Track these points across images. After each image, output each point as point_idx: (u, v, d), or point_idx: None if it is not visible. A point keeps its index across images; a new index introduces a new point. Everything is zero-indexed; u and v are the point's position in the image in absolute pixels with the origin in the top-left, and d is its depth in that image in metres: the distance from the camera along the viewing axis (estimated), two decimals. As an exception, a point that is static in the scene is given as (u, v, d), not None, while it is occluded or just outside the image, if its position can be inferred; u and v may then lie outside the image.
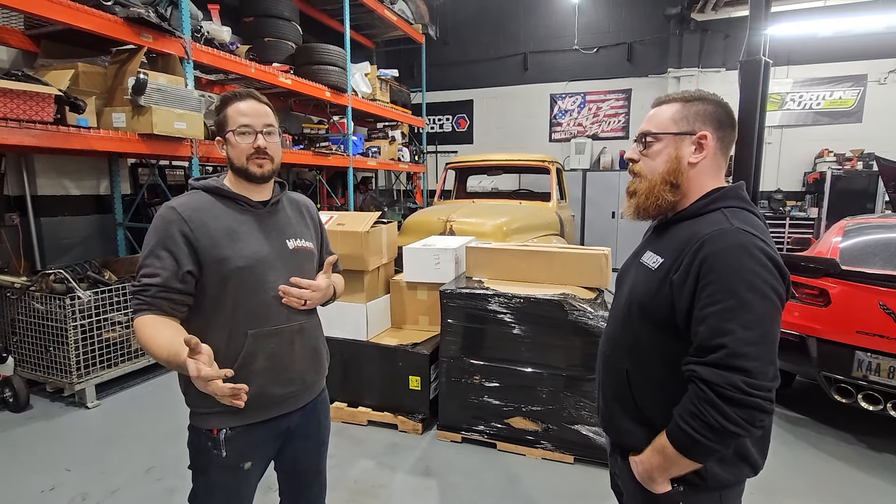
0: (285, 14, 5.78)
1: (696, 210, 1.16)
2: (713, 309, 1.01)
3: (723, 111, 1.17)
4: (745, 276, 1.01)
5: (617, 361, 1.24)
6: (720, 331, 1.00)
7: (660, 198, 1.17)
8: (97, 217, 4.97)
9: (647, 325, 1.16)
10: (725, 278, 1.01)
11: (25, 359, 3.62)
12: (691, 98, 1.18)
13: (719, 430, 0.98)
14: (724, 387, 0.97)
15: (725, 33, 8.13)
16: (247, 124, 1.38)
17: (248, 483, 1.46)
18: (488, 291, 2.96)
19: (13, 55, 4.18)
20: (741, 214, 1.10)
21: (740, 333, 0.98)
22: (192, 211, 1.34)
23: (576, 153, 9.09)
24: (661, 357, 1.14)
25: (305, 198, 1.65)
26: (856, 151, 7.67)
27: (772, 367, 0.99)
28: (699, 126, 1.15)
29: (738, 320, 0.99)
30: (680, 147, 1.16)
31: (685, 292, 1.07)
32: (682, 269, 1.08)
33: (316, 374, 1.55)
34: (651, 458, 1.12)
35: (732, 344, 0.98)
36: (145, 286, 1.29)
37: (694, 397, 1.01)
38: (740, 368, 0.97)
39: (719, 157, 1.17)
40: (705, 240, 1.06)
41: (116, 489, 2.62)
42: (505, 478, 2.75)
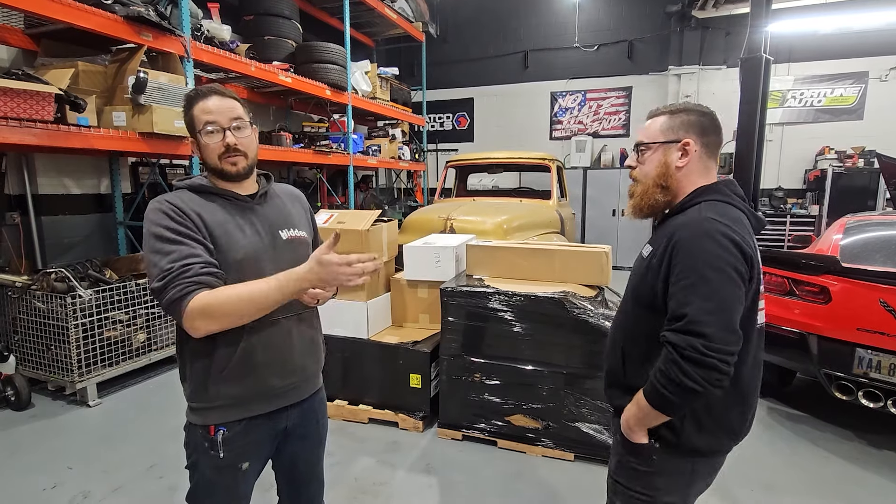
0: (285, 12, 5.78)
1: (682, 206, 1.33)
2: (680, 285, 1.19)
3: (706, 119, 1.34)
4: (705, 257, 1.18)
5: (617, 341, 1.42)
6: (684, 302, 1.17)
7: (652, 198, 1.36)
8: (98, 216, 4.97)
9: (638, 307, 1.35)
10: (689, 259, 1.19)
11: (27, 357, 3.63)
12: (677, 110, 1.37)
13: (680, 384, 1.14)
14: (685, 348, 1.13)
15: (726, 30, 8.11)
16: (212, 121, 1.33)
17: (247, 482, 1.46)
18: (489, 289, 2.96)
19: (13, 54, 4.18)
20: (716, 206, 1.27)
21: (699, 304, 1.15)
22: (183, 203, 1.32)
23: (576, 151, 9.08)
24: (647, 334, 1.29)
25: (294, 188, 1.64)
26: (857, 149, 7.66)
27: (730, 333, 1.14)
28: (682, 134, 1.33)
29: (698, 293, 1.16)
30: (668, 154, 1.34)
31: (661, 275, 1.25)
32: (660, 254, 1.26)
33: (315, 365, 1.55)
34: (630, 409, 1.30)
35: (692, 312, 1.14)
36: (185, 266, 1.20)
37: (663, 358, 1.18)
38: (699, 333, 1.13)
39: (705, 159, 1.34)
40: (677, 229, 1.25)
41: (118, 487, 2.63)
42: (505, 475, 2.75)
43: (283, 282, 1.21)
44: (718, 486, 2.61)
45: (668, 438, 1.28)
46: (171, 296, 1.20)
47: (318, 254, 1.18)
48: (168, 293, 1.20)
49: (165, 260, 1.22)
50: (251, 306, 1.22)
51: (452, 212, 4.41)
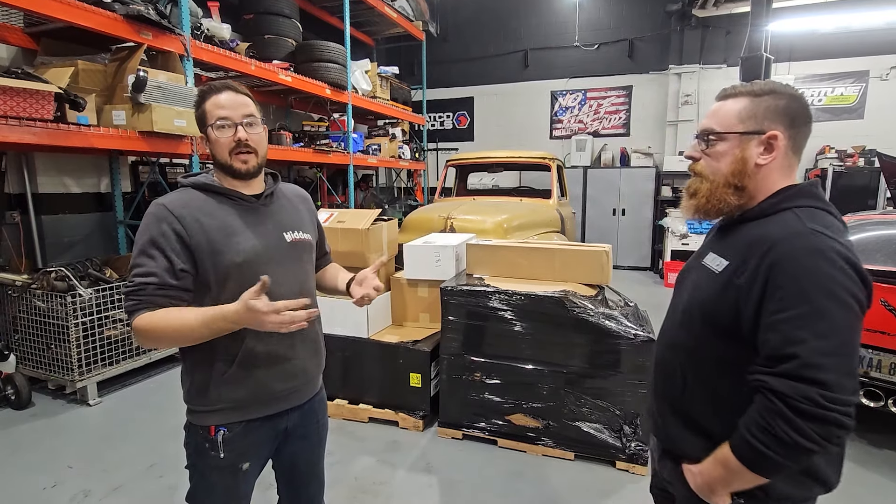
0: (285, 11, 5.77)
1: (764, 209, 1.08)
2: (784, 315, 0.95)
3: (797, 105, 1.08)
4: (821, 282, 0.93)
5: (674, 367, 1.19)
6: (792, 339, 0.93)
7: (722, 201, 1.11)
8: (98, 215, 4.97)
9: (709, 331, 1.10)
10: (798, 283, 0.94)
11: (27, 356, 3.63)
12: (762, 92, 1.09)
13: (791, 445, 0.91)
14: (798, 399, 0.90)
15: (727, 30, 8.10)
16: (225, 116, 1.33)
17: (247, 483, 1.45)
18: (489, 288, 2.95)
19: (13, 53, 4.18)
20: (816, 215, 1.03)
21: (815, 343, 0.91)
22: (182, 208, 1.30)
23: (576, 150, 9.08)
24: (723, 365, 1.08)
25: (300, 189, 1.63)
26: (857, 148, 7.65)
27: (851, 379, 0.92)
28: (769, 124, 1.07)
29: (813, 329, 0.92)
30: (746, 147, 1.08)
31: (752, 297, 1.00)
32: (749, 272, 1.01)
33: (317, 367, 1.54)
34: (713, 470, 1.05)
35: (806, 354, 0.91)
36: (141, 285, 1.25)
37: (763, 409, 0.95)
38: (815, 380, 0.90)
39: (790, 155, 1.09)
40: (775, 242, 0.99)
41: (118, 486, 2.63)
42: (506, 475, 2.75)
43: (210, 319, 1.20)
44: (719, 485, 2.61)
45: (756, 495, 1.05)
46: (126, 307, 1.28)
47: (246, 297, 1.14)
48: (126, 303, 1.28)
49: (134, 271, 1.29)
50: (179, 337, 1.25)
51: (452, 211, 4.40)
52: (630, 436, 2.75)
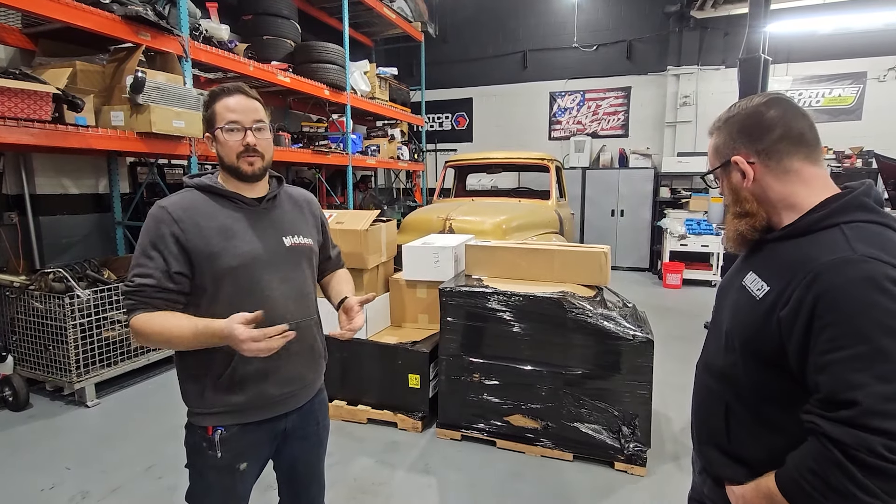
0: (284, 12, 5.77)
1: (807, 226, 0.99)
2: (838, 356, 0.86)
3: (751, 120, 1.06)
4: (878, 318, 0.84)
5: (713, 391, 1.14)
6: (850, 384, 0.84)
7: (737, 230, 1.10)
8: (96, 216, 4.96)
9: (751, 360, 1.03)
10: (851, 320, 0.85)
11: (25, 358, 3.62)
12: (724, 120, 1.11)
13: (847, 495, 0.83)
14: (859, 450, 0.81)
15: (725, 31, 8.12)
16: (235, 120, 1.34)
17: (245, 483, 1.45)
18: (488, 289, 2.96)
19: (11, 53, 4.17)
20: (868, 232, 0.93)
21: (877, 387, 0.82)
22: (182, 210, 1.31)
23: (575, 151, 9.09)
24: (767, 396, 1.01)
25: (306, 192, 1.63)
26: (855, 149, 7.67)
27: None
28: (730, 151, 1.08)
29: (874, 371, 0.83)
30: (731, 178, 1.10)
31: (796, 332, 0.92)
32: (792, 304, 0.92)
33: (314, 374, 1.53)
34: (755, 499, 1.00)
35: (868, 400, 0.82)
36: (140, 286, 1.29)
37: (819, 455, 0.87)
38: (880, 430, 0.81)
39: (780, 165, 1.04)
40: (821, 271, 0.89)
41: (116, 487, 2.62)
42: (504, 475, 2.75)
43: (199, 331, 1.24)
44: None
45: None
46: (126, 305, 1.33)
47: (234, 321, 1.18)
48: (125, 302, 1.33)
49: (133, 271, 1.31)
50: (170, 342, 1.29)
51: (451, 212, 4.41)
52: (629, 437, 2.75)
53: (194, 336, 1.24)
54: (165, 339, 1.27)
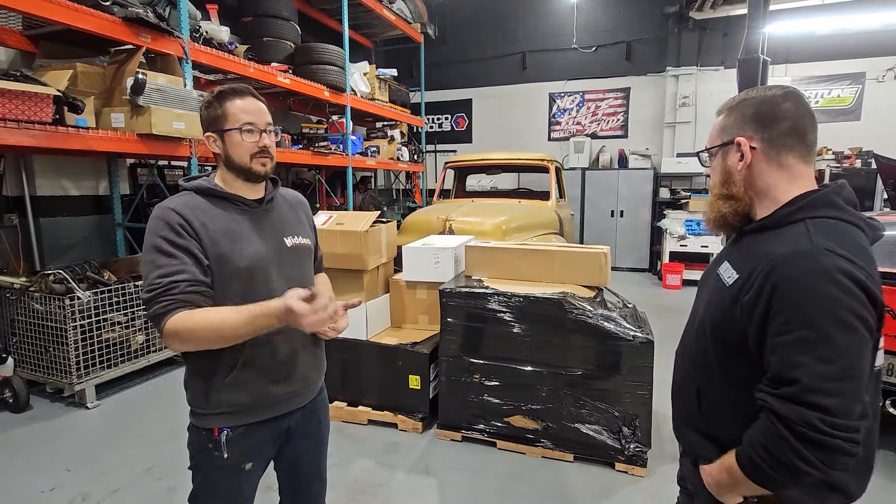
0: (284, 14, 5.78)
1: (777, 220, 1.07)
2: (786, 339, 0.94)
3: (767, 107, 1.08)
4: (825, 305, 0.91)
5: (688, 375, 1.21)
6: (794, 364, 0.92)
7: (717, 210, 1.15)
8: (96, 217, 4.97)
9: (719, 346, 1.10)
10: (801, 308, 0.93)
11: (25, 359, 3.62)
12: (734, 105, 1.13)
13: (790, 466, 0.92)
14: (799, 423, 0.90)
15: (724, 31, 8.13)
16: (252, 122, 1.35)
17: (250, 483, 1.46)
18: (488, 290, 2.96)
19: (11, 55, 4.18)
20: (830, 227, 0.99)
21: (818, 368, 0.90)
22: (189, 210, 1.31)
23: (575, 152, 9.09)
24: (733, 379, 1.08)
25: (298, 194, 1.64)
26: (854, 149, 7.68)
27: (857, 405, 0.90)
28: (737, 132, 1.11)
29: (816, 354, 0.91)
30: (727, 158, 1.13)
31: (755, 317, 0.99)
32: (754, 291, 0.99)
33: (317, 373, 1.55)
34: (720, 475, 1.08)
35: (808, 379, 0.90)
36: (172, 284, 1.22)
37: (765, 429, 0.96)
38: (818, 405, 0.89)
39: (778, 156, 1.08)
40: (779, 262, 0.97)
41: (117, 489, 2.62)
42: (505, 476, 2.75)
43: (255, 316, 1.21)
44: (717, 486, 2.61)
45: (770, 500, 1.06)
46: (154, 310, 1.23)
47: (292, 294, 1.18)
48: (153, 307, 1.23)
49: (156, 273, 1.24)
50: (219, 338, 1.23)
51: (451, 213, 4.41)
52: (629, 437, 2.75)
53: (251, 321, 1.20)
54: (217, 332, 1.21)
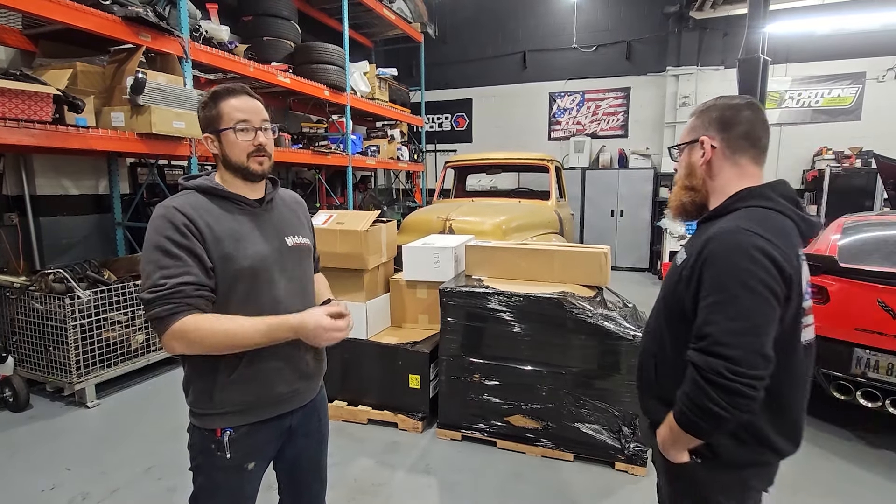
0: (284, 13, 5.77)
1: (720, 210, 1.25)
2: (706, 301, 1.12)
3: (731, 112, 1.26)
4: (736, 274, 1.09)
5: (648, 350, 1.37)
6: (708, 321, 1.10)
7: (679, 200, 1.35)
8: (96, 217, 4.97)
9: (670, 317, 1.27)
10: (719, 275, 1.12)
11: (25, 358, 3.62)
12: (704, 108, 1.31)
13: (704, 408, 1.08)
14: (708, 371, 1.07)
15: (724, 31, 8.13)
16: (246, 120, 1.34)
17: (252, 483, 1.46)
18: (488, 290, 2.96)
19: (11, 55, 4.18)
20: (757, 214, 1.18)
21: (724, 324, 1.08)
22: (192, 209, 1.30)
23: (575, 152, 9.09)
24: (681, 345, 1.21)
25: (296, 194, 1.64)
26: (854, 149, 7.68)
27: (757, 357, 1.06)
28: (702, 131, 1.29)
29: (725, 312, 1.09)
30: (692, 154, 1.32)
31: (691, 287, 1.18)
32: (691, 265, 1.19)
33: (318, 371, 1.55)
34: (663, 431, 1.24)
35: (716, 333, 1.08)
36: (178, 286, 1.21)
37: (688, 379, 1.13)
38: (722, 355, 1.06)
39: (733, 156, 1.26)
40: (709, 240, 1.16)
41: (116, 488, 2.62)
42: (505, 476, 2.75)
43: (274, 328, 1.26)
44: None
45: (707, 455, 1.22)
46: (156, 312, 1.22)
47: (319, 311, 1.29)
48: (155, 308, 1.22)
49: (160, 274, 1.22)
50: (230, 345, 1.25)
51: (451, 212, 4.41)
52: (629, 437, 2.75)
53: (266, 334, 1.25)
54: (229, 339, 1.23)
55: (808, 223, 1.22)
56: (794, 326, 1.17)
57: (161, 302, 1.21)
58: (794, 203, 1.22)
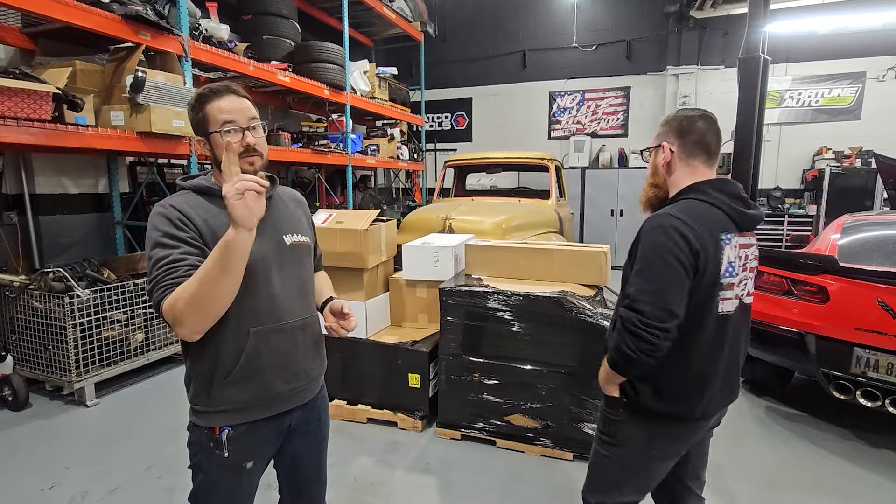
0: (284, 12, 5.77)
1: (669, 202, 1.53)
2: (634, 269, 1.43)
3: (685, 122, 1.51)
4: (653, 247, 1.39)
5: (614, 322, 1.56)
6: (631, 283, 1.41)
7: (647, 195, 1.62)
8: (96, 216, 4.96)
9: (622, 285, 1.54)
10: (643, 249, 1.41)
11: (24, 357, 3.62)
12: (670, 118, 1.56)
13: (621, 350, 1.38)
14: (627, 321, 1.36)
15: (724, 31, 8.13)
16: (231, 121, 1.32)
17: (251, 482, 1.45)
18: (487, 289, 2.96)
19: (10, 53, 4.17)
20: (688, 203, 1.46)
21: (640, 285, 1.38)
22: (189, 208, 1.30)
23: (575, 151, 9.09)
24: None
25: (296, 192, 1.64)
26: (854, 149, 7.68)
27: (663, 312, 1.33)
28: (665, 138, 1.55)
29: (642, 276, 1.38)
30: (657, 156, 1.58)
31: (630, 260, 1.49)
32: (632, 244, 1.49)
33: (318, 369, 1.55)
34: (601, 370, 1.56)
35: (634, 292, 1.38)
36: (171, 267, 1.21)
37: (615, 328, 1.42)
38: (636, 310, 1.35)
39: (687, 158, 1.51)
40: (645, 222, 1.45)
41: (116, 487, 2.62)
42: (504, 475, 2.75)
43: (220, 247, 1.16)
44: (718, 484, 2.62)
45: (631, 397, 1.51)
46: (154, 297, 1.22)
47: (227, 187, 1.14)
48: (153, 296, 1.23)
49: (157, 265, 1.23)
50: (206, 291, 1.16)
51: (451, 211, 4.41)
52: (628, 436, 2.75)
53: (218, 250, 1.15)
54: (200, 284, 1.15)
55: (743, 215, 1.45)
56: (710, 297, 1.40)
57: (156, 287, 1.22)
58: (733, 198, 1.46)
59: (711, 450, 1.73)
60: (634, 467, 1.55)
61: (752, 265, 1.52)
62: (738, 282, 1.45)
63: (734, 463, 2.83)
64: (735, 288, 1.44)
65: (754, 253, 1.53)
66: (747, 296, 1.52)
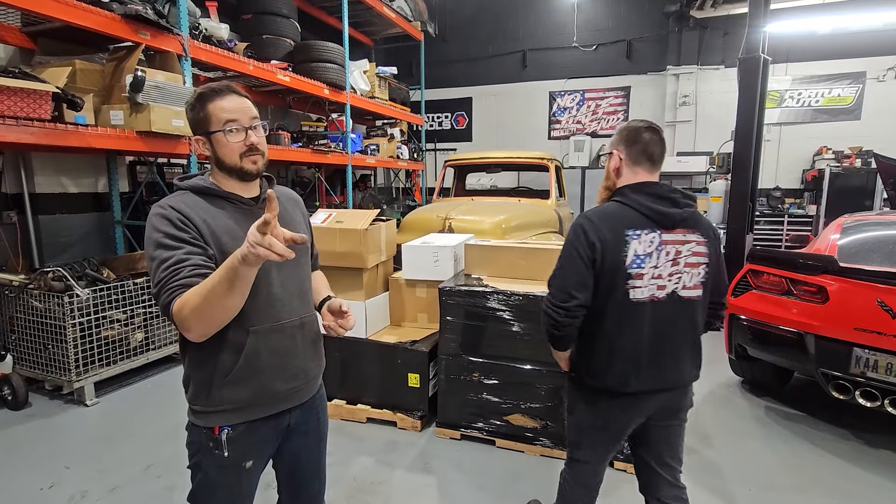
0: (283, 11, 5.77)
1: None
2: None
3: (630, 132, 1.69)
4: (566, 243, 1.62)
5: None
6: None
7: (601, 196, 1.80)
8: (95, 215, 4.96)
9: None
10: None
11: (24, 357, 3.62)
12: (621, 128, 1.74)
13: (544, 328, 1.68)
14: (544, 303, 1.65)
15: (724, 31, 8.13)
16: (234, 120, 1.33)
17: (250, 481, 1.46)
18: (487, 289, 2.96)
19: (10, 52, 4.17)
20: (607, 205, 1.68)
21: (552, 272, 1.65)
22: (188, 208, 1.30)
23: (575, 151, 9.09)
24: None
25: (292, 192, 1.64)
26: (854, 149, 7.68)
27: (562, 293, 1.59)
28: (615, 146, 1.73)
29: (555, 266, 1.64)
30: (609, 162, 1.76)
31: None
32: None
33: (317, 369, 1.55)
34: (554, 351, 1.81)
35: (549, 280, 1.66)
36: (176, 268, 1.20)
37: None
38: (548, 293, 1.64)
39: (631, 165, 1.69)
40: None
41: (115, 487, 2.62)
42: (504, 475, 2.75)
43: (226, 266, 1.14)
44: (717, 484, 2.62)
45: (572, 372, 1.78)
46: (162, 301, 1.22)
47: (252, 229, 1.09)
48: (160, 298, 1.22)
49: (160, 267, 1.23)
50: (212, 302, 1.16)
51: (451, 211, 4.41)
52: (628, 436, 2.75)
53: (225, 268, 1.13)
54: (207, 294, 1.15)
55: (661, 214, 1.60)
56: (613, 282, 1.57)
57: (162, 291, 1.21)
58: (655, 199, 1.60)
59: (710, 450, 1.74)
60: (584, 431, 1.78)
61: (689, 260, 1.61)
62: (656, 274, 1.58)
63: (733, 463, 2.83)
64: (647, 279, 1.57)
65: (693, 249, 1.62)
66: (683, 289, 1.61)
